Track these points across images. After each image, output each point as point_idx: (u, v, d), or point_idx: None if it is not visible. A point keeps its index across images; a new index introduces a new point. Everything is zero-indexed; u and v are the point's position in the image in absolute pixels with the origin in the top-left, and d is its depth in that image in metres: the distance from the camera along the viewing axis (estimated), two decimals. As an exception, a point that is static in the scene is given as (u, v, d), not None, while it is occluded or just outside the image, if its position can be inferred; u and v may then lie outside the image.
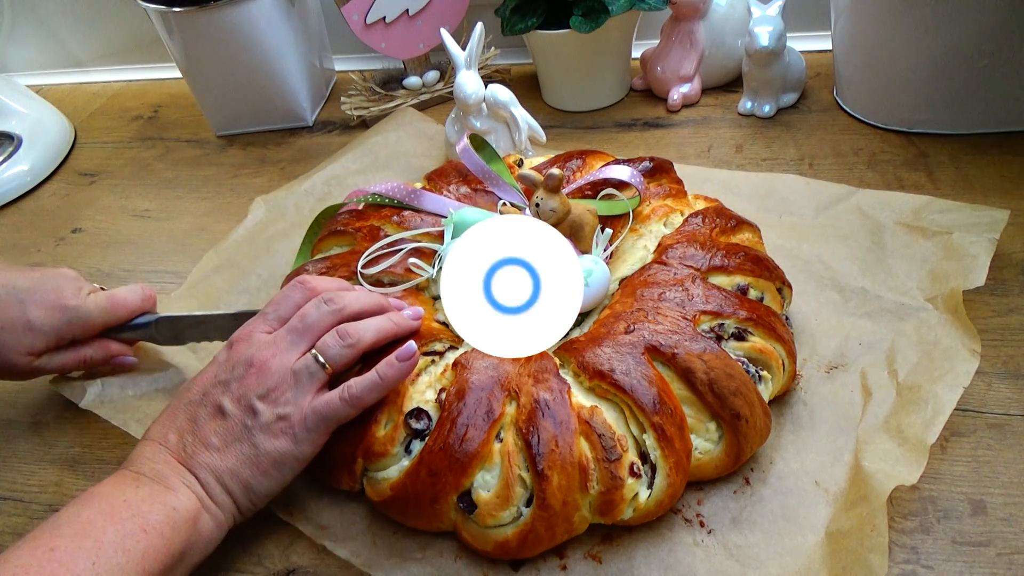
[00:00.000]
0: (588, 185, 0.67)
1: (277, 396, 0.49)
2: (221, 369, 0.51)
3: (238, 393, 0.49)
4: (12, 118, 1.04)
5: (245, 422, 0.49)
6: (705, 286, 0.56)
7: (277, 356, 0.50)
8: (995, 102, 0.77)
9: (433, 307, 0.62)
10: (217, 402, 0.50)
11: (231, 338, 0.53)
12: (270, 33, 0.93)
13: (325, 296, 0.54)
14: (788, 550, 0.48)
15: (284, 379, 0.50)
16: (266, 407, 0.49)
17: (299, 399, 0.49)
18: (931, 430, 0.50)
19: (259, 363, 0.50)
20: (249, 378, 0.50)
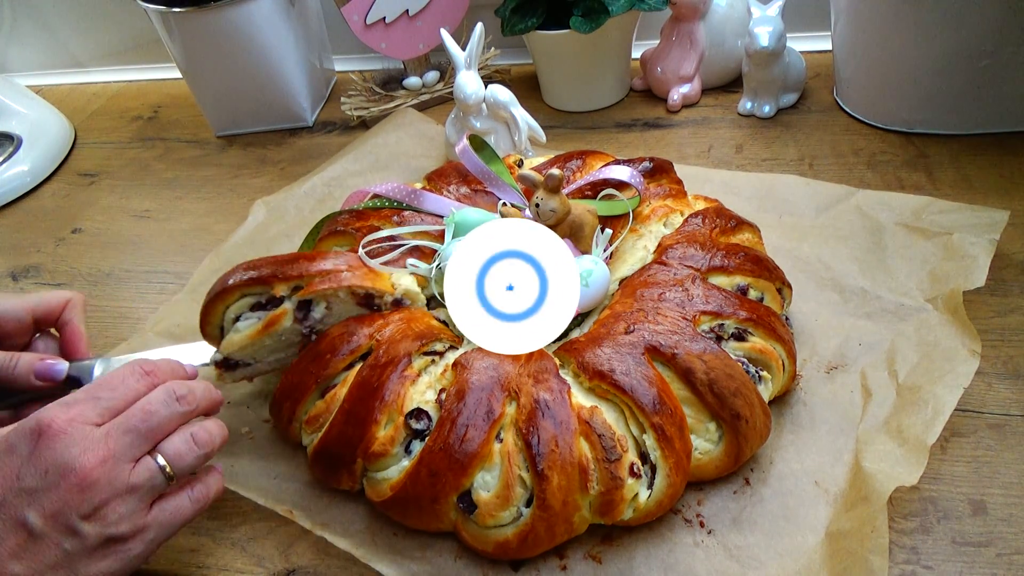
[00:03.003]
0: (588, 185, 0.67)
1: (107, 513, 0.40)
2: (25, 469, 0.40)
3: (52, 509, 0.39)
4: (12, 118, 1.04)
5: (62, 545, 0.39)
6: (705, 286, 0.56)
7: (109, 464, 0.41)
8: (995, 102, 0.77)
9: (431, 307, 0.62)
10: (19, 517, 0.39)
11: (38, 419, 0.41)
12: (270, 33, 0.93)
13: (177, 391, 0.46)
14: (788, 550, 0.48)
15: (117, 494, 0.41)
16: (92, 527, 0.40)
17: (136, 515, 0.42)
18: (931, 430, 0.50)
19: (83, 472, 0.40)
20: (68, 490, 0.39)
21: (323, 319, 0.56)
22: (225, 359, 0.56)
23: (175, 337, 0.69)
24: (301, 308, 0.55)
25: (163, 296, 0.76)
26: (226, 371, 0.57)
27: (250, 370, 0.58)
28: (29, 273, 0.85)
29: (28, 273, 0.85)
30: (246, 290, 0.55)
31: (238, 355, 0.56)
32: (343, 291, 0.55)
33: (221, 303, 0.56)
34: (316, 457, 0.53)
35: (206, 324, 0.57)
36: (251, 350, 0.56)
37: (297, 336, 0.56)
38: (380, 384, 0.51)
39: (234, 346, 0.55)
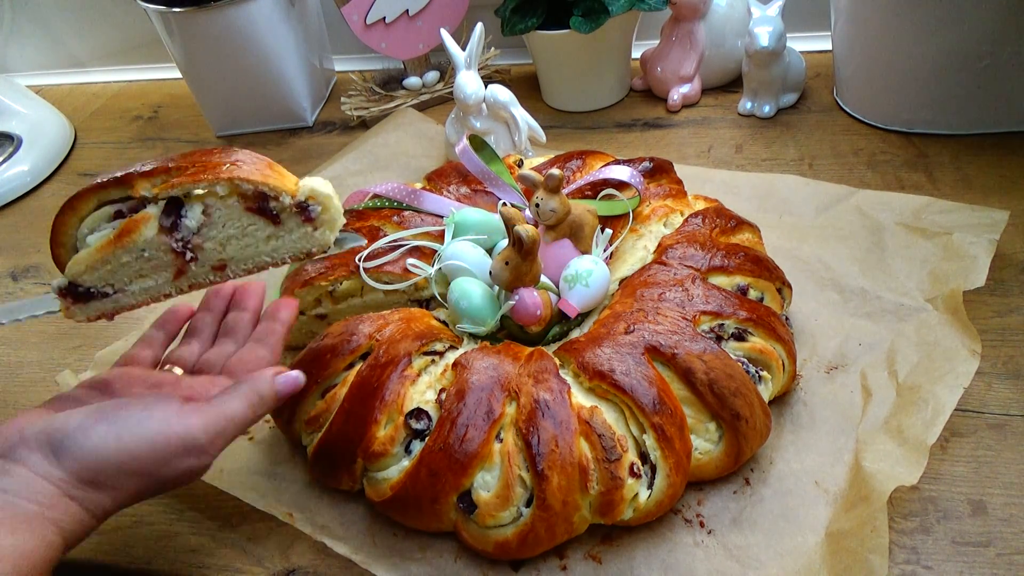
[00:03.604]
0: (588, 185, 0.67)
1: None
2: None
3: None
4: (12, 118, 1.04)
5: None
6: (705, 286, 0.56)
7: None
8: (995, 102, 0.77)
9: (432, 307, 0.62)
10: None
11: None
12: (270, 33, 0.93)
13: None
14: (788, 550, 0.48)
15: None
16: None
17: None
18: (931, 430, 0.50)
19: None
20: None
21: (201, 230, 0.44)
22: (71, 284, 0.44)
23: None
24: (169, 212, 0.44)
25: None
26: (75, 302, 0.45)
27: (108, 303, 0.46)
28: (29, 273, 0.85)
29: (28, 273, 0.85)
30: (102, 194, 0.44)
31: (88, 279, 0.44)
32: (223, 185, 0.43)
33: (72, 214, 0.44)
34: (316, 457, 0.53)
35: (56, 245, 0.45)
36: (105, 271, 0.44)
37: (167, 253, 0.44)
38: (380, 384, 0.51)
39: (81, 265, 0.44)
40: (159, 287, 0.46)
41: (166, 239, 0.44)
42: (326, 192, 0.47)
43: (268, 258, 0.47)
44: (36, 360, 0.73)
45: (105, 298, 0.46)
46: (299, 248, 0.47)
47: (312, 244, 0.47)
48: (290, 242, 0.47)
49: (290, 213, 0.46)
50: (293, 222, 0.46)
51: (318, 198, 0.46)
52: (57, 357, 0.73)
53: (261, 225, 0.46)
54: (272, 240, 0.47)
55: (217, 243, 0.45)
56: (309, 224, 0.47)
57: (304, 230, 0.47)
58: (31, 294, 0.82)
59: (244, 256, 0.46)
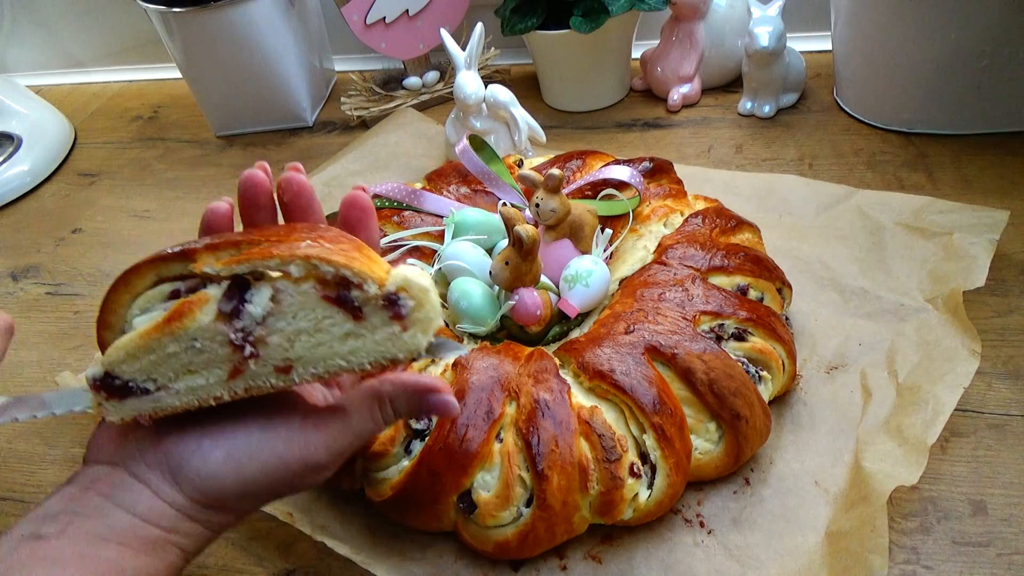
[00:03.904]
0: (588, 185, 0.67)
1: None
2: None
3: None
4: (12, 118, 1.04)
5: None
6: (705, 286, 0.56)
7: None
8: (995, 102, 0.77)
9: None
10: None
11: None
12: (270, 33, 0.93)
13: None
14: (788, 550, 0.48)
15: None
16: None
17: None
18: (931, 430, 0.50)
19: None
20: None
21: (267, 320, 0.36)
22: (108, 375, 0.36)
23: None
24: (231, 295, 0.36)
25: (163, 296, 0.76)
26: (110, 397, 0.36)
27: (148, 402, 0.37)
28: (29, 273, 0.85)
29: (28, 273, 0.85)
30: (161, 269, 0.38)
31: (128, 370, 0.36)
32: (299, 265, 0.35)
33: (125, 290, 0.38)
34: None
35: (102, 326, 0.38)
36: (148, 362, 0.36)
37: (223, 345, 0.36)
38: (380, 384, 0.51)
39: (121, 352, 0.36)
40: (209, 388, 0.37)
41: (224, 328, 0.35)
42: (422, 285, 0.36)
43: (343, 361, 0.37)
44: (36, 360, 0.73)
45: (145, 396, 0.37)
46: (382, 352, 0.37)
47: (399, 348, 0.37)
48: (372, 343, 0.37)
49: (375, 307, 0.36)
50: (378, 318, 0.36)
51: (411, 291, 0.36)
52: (57, 357, 0.73)
53: (339, 319, 0.36)
54: (350, 339, 0.36)
55: (284, 337, 0.36)
56: (398, 323, 0.36)
57: (391, 330, 0.36)
58: (31, 294, 0.82)
59: (314, 357, 0.36)
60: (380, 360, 0.37)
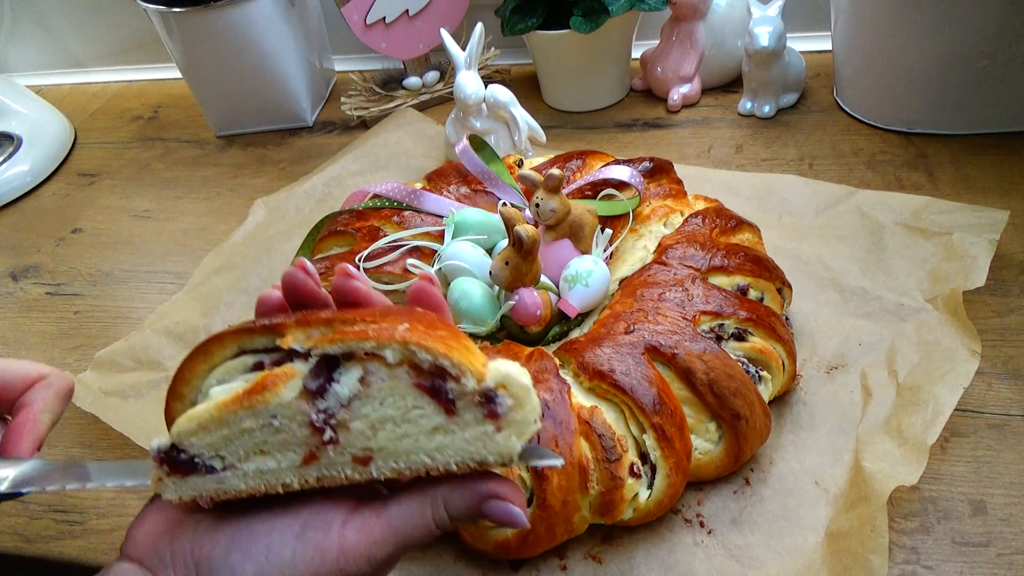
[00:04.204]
0: (588, 185, 0.67)
1: None
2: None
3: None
4: (12, 118, 1.04)
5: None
6: (705, 286, 0.56)
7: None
8: (995, 102, 0.77)
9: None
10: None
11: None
12: (270, 33, 0.93)
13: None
14: (788, 550, 0.48)
15: None
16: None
17: None
18: (931, 430, 0.50)
19: None
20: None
21: (352, 403, 0.34)
22: (172, 448, 0.34)
23: (174, 335, 0.69)
24: (319, 372, 0.34)
25: (163, 296, 0.76)
26: (172, 472, 0.34)
27: (211, 482, 0.34)
28: (29, 273, 0.85)
29: (28, 273, 0.85)
30: (244, 340, 0.36)
31: (197, 442, 0.34)
32: (395, 349, 0.33)
33: (203, 359, 0.36)
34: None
35: (174, 396, 0.36)
36: (220, 436, 0.34)
37: (303, 426, 0.34)
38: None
39: (193, 423, 0.34)
40: (279, 473, 0.34)
41: (307, 407, 0.33)
42: (523, 383, 0.34)
43: (427, 458, 0.34)
44: (36, 360, 0.73)
45: (209, 475, 0.34)
46: (471, 453, 0.34)
47: (490, 451, 0.34)
48: (461, 442, 0.34)
49: (470, 402, 0.34)
50: (472, 415, 0.34)
51: (511, 389, 0.34)
52: (57, 357, 0.73)
53: (429, 411, 0.34)
54: (439, 434, 0.34)
55: (368, 425, 0.34)
56: (492, 422, 0.34)
57: (484, 429, 0.34)
58: (31, 294, 0.82)
59: (397, 450, 0.34)
60: (467, 461, 0.34)
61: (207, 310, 0.72)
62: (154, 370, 0.66)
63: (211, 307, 0.72)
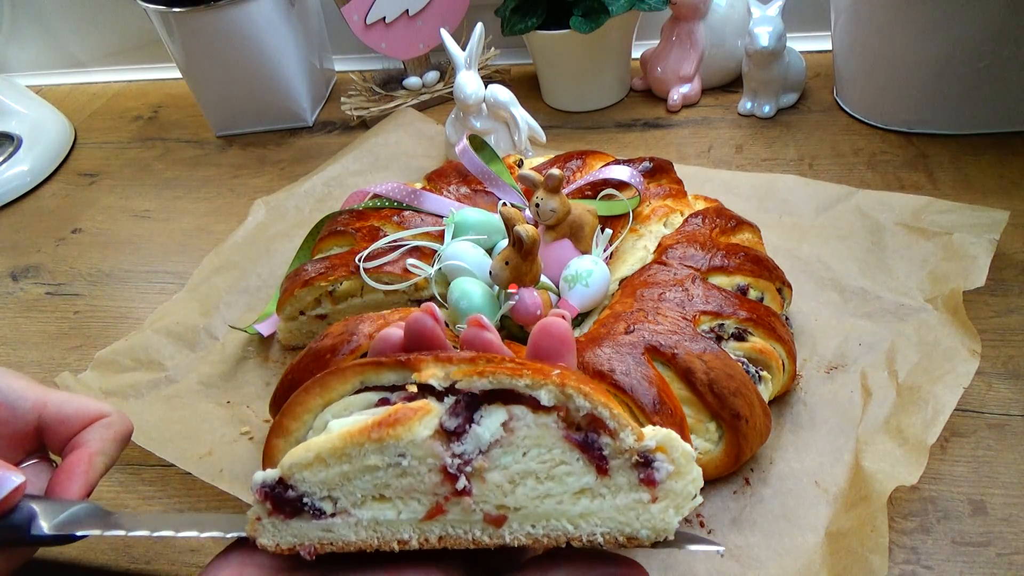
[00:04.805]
0: (588, 185, 0.67)
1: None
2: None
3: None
4: (12, 118, 1.04)
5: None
6: (705, 286, 0.56)
7: None
8: (995, 102, 0.77)
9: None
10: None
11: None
12: (270, 33, 0.93)
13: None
14: (788, 550, 0.48)
15: None
16: None
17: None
18: (931, 430, 0.50)
19: None
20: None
21: (491, 450, 0.30)
22: (280, 483, 0.30)
23: (174, 335, 0.69)
24: (457, 411, 0.30)
25: (163, 296, 0.76)
26: (274, 512, 0.30)
27: (316, 529, 0.30)
28: (29, 273, 0.85)
29: (28, 273, 0.85)
30: (370, 375, 0.32)
31: (310, 478, 0.30)
32: (551, 390, 0.30)
33: (320, 393, 0.32)
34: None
35: (280, 431, 0.33)
36: (336, 473, 0.30)
37: (433, 471, 0.30)
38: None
39: (310, 454, 0.30)
40: (398, 525, 0.30)
41: (441, 449, 0.30)
42: (687, 450, 0.30)
43: (570, 525, 0.30)
44: (36, 360, 0.73)
45: (316, 519, 0.30)
46: (621, 524, 0.30)
47: (643, 524, 0.30)
48: (611, 509, 0.30)
49: (625, 463, 0.30)
50: (625, 478, 0.30)
51: (672, 453, 0.30)
52: (57, 357, 0.73)
53: (578, 468, 0.30)
54: (585, 497, 0.30)
55: (507, 478, 0.30)
56: (648, 489, 0.30)
57: (637, 496, 0.30)
58: (31, 294, 0.82)
59: (536, 512, 0.30)
60: (615, 534, 0.30)
61: (207, 310, 0.72)
62: (154, 370, 0.66)
63: (211, 307, 0.72)
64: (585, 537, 0.30)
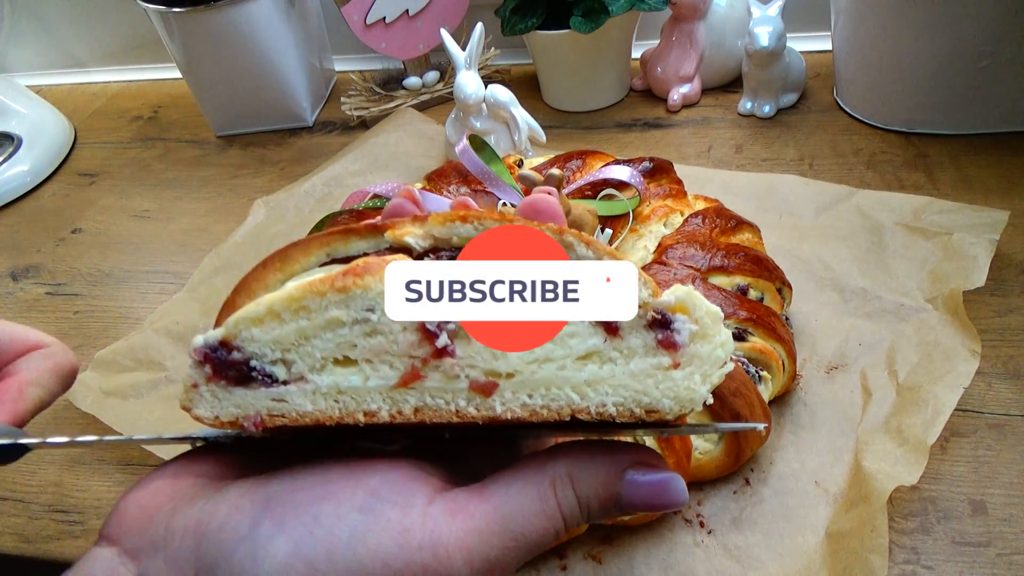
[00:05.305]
0: (588, 185, 0.67)
1: None
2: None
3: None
4: (12, 118, 1.04)
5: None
6: (705, 286, 0.56)
7: None
8: (995, 102, 0.77)
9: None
10: None
11: None
12: (270, 33, 0.93)
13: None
14: (788, 550, 0.48)
15: None
16: None
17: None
18: (931, 430, 0.50)
19: None
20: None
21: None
22: (224, 345, 0.25)
23: (174, 335, 0.69)
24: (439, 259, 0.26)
25: (163, 296, 0.76)
26: (215, 376, 0.25)
27: (264, 398, 0.25)
28: (29, 273, 0.85)
29: (28, 273, 0.85)
30: (336, 246, 0.28)
31: (259, 337, 0.25)
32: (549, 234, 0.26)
33: (280, 267, 0.28)
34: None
35: (230, 308, 0.27)
36: (293, 330, 0.25)
37: (409, 330, 0.25)
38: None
39: (261, 308, 0.25)
40: (363, 394, 0.25)
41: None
42: (713, 309, 0.26)
43: (575, 394, 0.25)
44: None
45: (267, 387, 0.25)
46: (637, 393, 0.26)
47: (664, 393, 0.26)
48: (624, 376, 0.26)
49: (640, 323, 0.26)
50: (640, 340, 0.26)
51: (695, 313, 0.26)
52: (57, 357, 0.73)
53: (583, 328, 0.25)
54: (593, 362, 0.26)
55: None
56: (668, 353, 0.26)
57: (656, 361, 0.26)
58: (31, 294, 0.82)
59: (533, 379, 0.25)
60: (631, 405, 0.26)
61: (207, 310, 0.72)
62: (154, 370, 0.66)
63: (211, 307, 0.72)
64: (594, 408, 0.25)
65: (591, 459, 0.25)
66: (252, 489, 0.25)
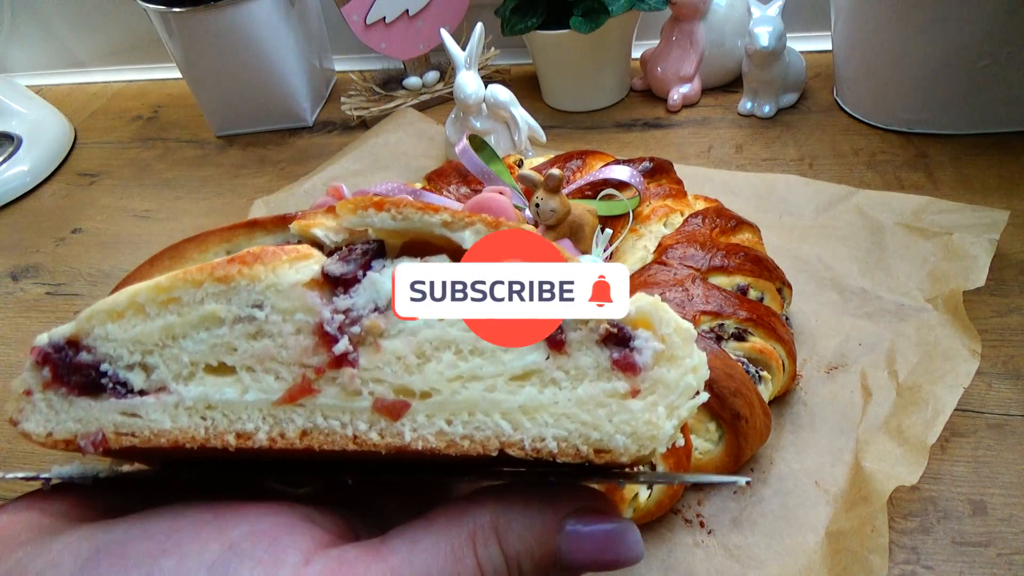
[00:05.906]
0: (588, 185, 0.67)
1: None
2: None
3: None
4: (12, 118, 1.04)
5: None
6: (705, 286, 0.56)
7: None
8: (995, 102, 0.77)
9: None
10: None
11: None
12: (270, 33, 0.93)
13: None
14: (788, 550, 0.48)
15: None
16: None
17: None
18: (931, 430, 0.50)
19: None
20: None
21: (390, 311, 0.21)
22: (72, 344, 0.22)
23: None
24: (351, 259, 0.22)
25: (163, 296, 0.76)
26: (56, 378, 0.22)
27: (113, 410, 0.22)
28: (29, 273, 0.85)
29: (28, 273, 0.85)
30: (238, 239, 0.25)
31: (113, 335, 0.21)
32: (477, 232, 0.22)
33: (173, 262, 0.26)
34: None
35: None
36: (156, 328, 0.21)
37: (304, 333, 0.21)
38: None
39: (120, 302, 0.22)
40: (237, 410, 0.21)
41: (318, 301, 0.21)
42: (683, 326, 0.21)
43: (504, 423, 0.20)
44: (36, 360, 0.73)
45: (118, 397, 0.21)
46: (582, 425, 0.21)
47: (617, 426, 0.20)
48: (569, 403, 0.21)
49: (590, 337, 0.21)
50: (590, 359, 0.21)
51: (658, 328, 0.21)
52: (57, 357, 0.73)
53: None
54: (532, 384, 0.21)
55: (413, 347, 0.20)
56: (623, 377, 0.21)
57: (609, 387, 0.21)
58: (31, 294, 0.82)
59: (453, 402, 0.21)
60: (576, 440, 0.20)
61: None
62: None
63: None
64: (529, 443, 0.20)
65: (523, 505, 0.20)
66: (90, 535, 0.20)
